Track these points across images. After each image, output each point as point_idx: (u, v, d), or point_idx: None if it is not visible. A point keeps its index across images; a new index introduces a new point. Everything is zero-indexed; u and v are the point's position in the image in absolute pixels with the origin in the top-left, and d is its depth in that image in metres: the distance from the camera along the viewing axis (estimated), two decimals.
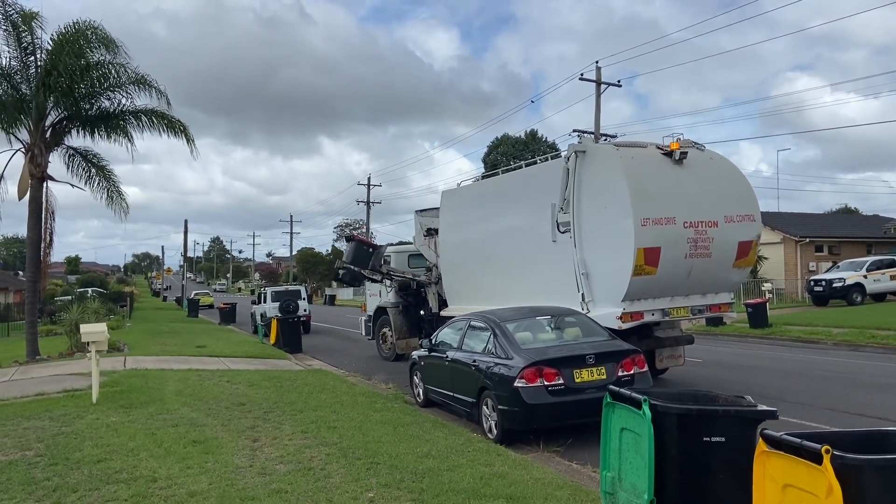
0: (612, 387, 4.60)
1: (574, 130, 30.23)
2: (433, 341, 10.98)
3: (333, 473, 6.36)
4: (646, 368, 8.78)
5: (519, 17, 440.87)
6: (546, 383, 8.16)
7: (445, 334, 10.88)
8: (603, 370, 8.37)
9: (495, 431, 8.54)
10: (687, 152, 11.35)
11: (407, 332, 17.58)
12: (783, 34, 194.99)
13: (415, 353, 11.86)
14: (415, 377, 11.58)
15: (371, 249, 17.36)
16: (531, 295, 12.03)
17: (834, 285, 28.20)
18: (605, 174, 11.14)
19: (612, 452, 4.38)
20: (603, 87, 29.38)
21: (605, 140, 28.96)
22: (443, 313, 15.77)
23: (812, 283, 29.80)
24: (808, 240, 36.09)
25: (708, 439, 4.13)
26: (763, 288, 29.33)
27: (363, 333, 20.24)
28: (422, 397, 11.21)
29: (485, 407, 8.88)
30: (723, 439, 4.17)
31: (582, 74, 29.23)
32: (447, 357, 10.14)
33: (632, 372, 8.52)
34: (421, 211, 17.91)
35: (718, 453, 4.19)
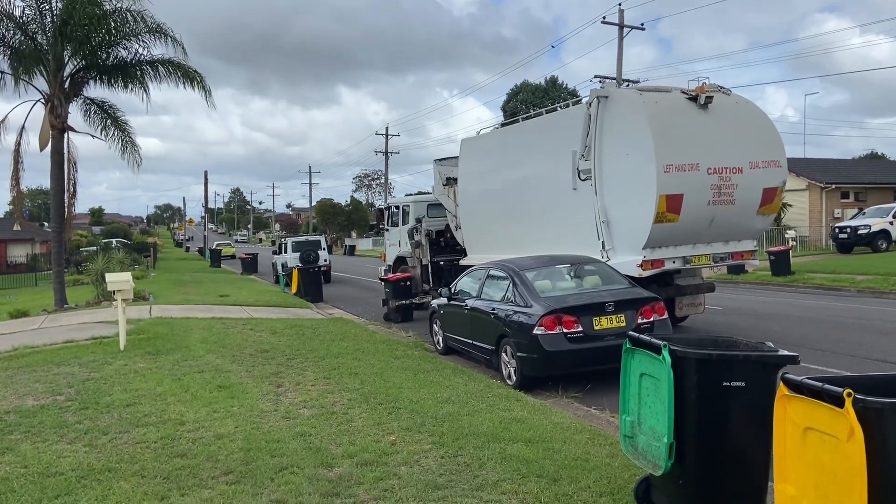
0: (631, 333, 4.59)
1: (596, 76, 29.68)
2: (453, 290, 11.04)
3: (356, 418, 6.48)
4: (665, 316, 8.77)
5: None
6: (565, 331, 8.19)
7: (465, 283, 10.92)
8: (622, 317, 8.37)
9: (514, 378, 8.63)
10: (712, 97, 11.05)
11: (426, 280, 17.44)
12: None
13: (434, 302, 11.94)
14: (434, 325, 11.68)
15: (407, 282, 16.94)
16: (551, 243, 11.98)
17: (859, 232, 27.74)
18: (627, 120, 10.91)
19: (631, 397, 4.40)
20: (626, 30, 28.62)
21: (628, 85, 28.34)
22: (461, 262, 15.74)
23: (837, 229, 29.34)
24: (833, 186, 35.40)
25: (728, 384, 4.11)
26: (786, 235, 28.91)
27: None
28: (441, 345, 11.33)
29: (504, 354, 8.95)
30: (742, 384, 4.15)
31: (604, 18, 28.48)
32: (466, 305, 10.20)
33: (651, 319, 8.51)
34: (440, 160, 17.71)
35: (738, 398, 4.18)
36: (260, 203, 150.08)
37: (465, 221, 15.64)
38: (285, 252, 30.32)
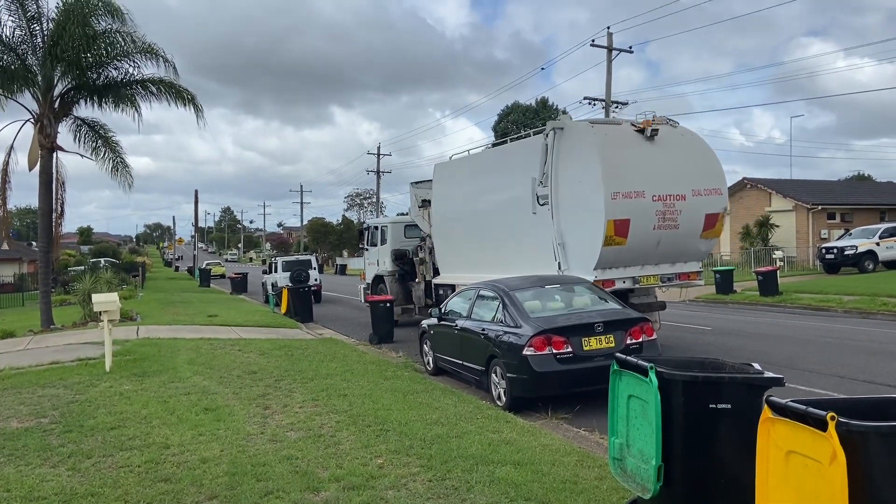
0: (618, 354, 4.59)
1: (585, 98, 29.90)
2: (443, 310, 11.03)
3: (343, 440, 6.43)
4: (654, 336, 8.80)
5: None
6: (554, 351, 8.19)
7: (455, 303, 10.92)
8: (611, 338, 8.39)
9: (504, 399, 8.60)
10: (658, 129, 11.92)
11: (403, 299, 18.33)
12: None
13: (424, 322, 11.92)
14: (424, 346, 11.66)
15: (386, 305, 17.21)
16: (514, 264, 12.67)
17: (846, 253, 27.97)
18: (579, 150, 11.71)
19: (619, 419, 4.39)
20: (614, 53, 28.95)
21: (617, 107, 28.68)
22: (434, 281, 16.68)
23: (824, 250, 29.58)
24: (820, 207, 35.73)
25: (714, 406, 4.12)
26: (774, 256, 29.14)
27: (362, 301, 20.87)
28: (431, 366, 11.29)
29: (494, 375, 8.93)
30: (729, 406, 4.17)
31: (593, 41, 28.80)
32: (456, 326, 10.19)
33: (640, 340, 8.54)
34: (416, 183, 18.38)
35: (725, 420, 4.19)
36: (251, 222, 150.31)
37: (438, 242, 16.41)
38: (275, 271, 30.21)
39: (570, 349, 8.25)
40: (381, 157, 60.39)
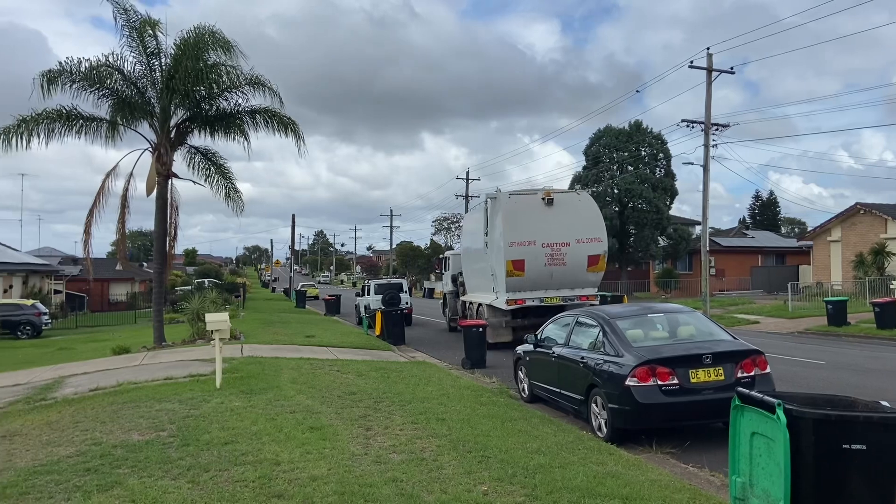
0: (740, 389, 4.41)
1: (683, 120, 29.14)
2: (538, 337, 10.92)
3: (445, 465, 6.44)
4: (768, 370, 8.36)
5: (621, 5, 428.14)
6: (659, 383, 7.93)
7: (551, 330, 10.80)
8: (721, 371, 8.03)
9: (605, 430, 8.39)
10: (553, 198, 18.10)
11: (455, 311, 24.48)
12: None
13: (520, 348, 11.83)
14: (519, 372, 11.56)
15: (479, 330, 18.74)
16: (484, 287, 19.48)
17: None
18: (497, 212, 18.09)
19: (741, 457, 4.21)
20: (714, 74, 28.12)
21: (717, 129, 27.98)
22: (462, 299, 23.14)
23: None
24: None
25: (847, 447, 3.90)
26: (891, 286, 27.26)
27: (441, 312, 28.01)
28: (527, 392, 11.18)
29: (594, 405, 8.74)
30: (863, 447, 3.93)
31: (692, 62, 28.10)
32: (553, 353, 10.06)
33: (752, 373, 8.13)
34: None
35: (858, 461, 3.95)
36: (342, 245, 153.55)
37: (464, 269, 22.94)
38: (368, 294, 30.85)
39: (675, 381, 7.95)
40: (469, 181, 60.81)
